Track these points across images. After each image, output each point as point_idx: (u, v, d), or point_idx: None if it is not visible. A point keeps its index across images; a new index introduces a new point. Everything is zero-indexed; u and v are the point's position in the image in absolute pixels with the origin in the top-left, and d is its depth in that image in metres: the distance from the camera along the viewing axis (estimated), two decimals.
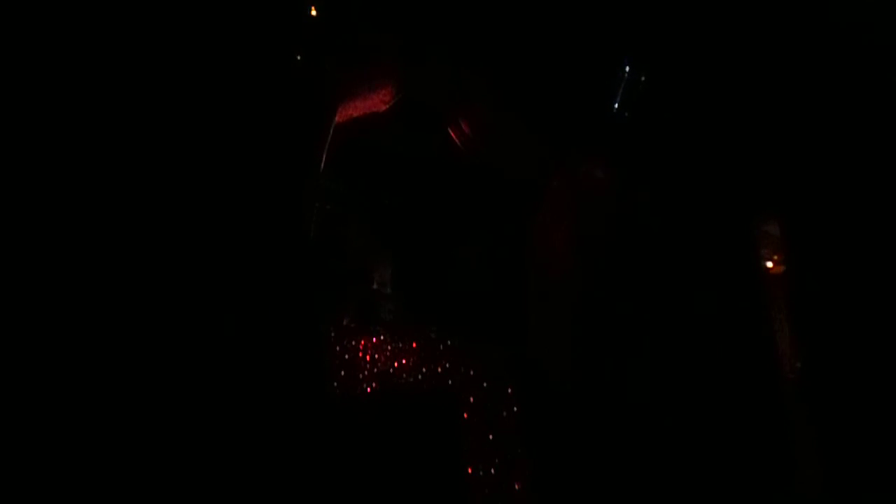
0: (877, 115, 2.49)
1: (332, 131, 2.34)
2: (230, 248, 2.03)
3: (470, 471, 2.22)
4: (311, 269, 2.29)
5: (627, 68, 2.69)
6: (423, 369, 2.32)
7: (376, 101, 2.55)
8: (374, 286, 2.54)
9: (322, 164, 2.30)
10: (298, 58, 2.22)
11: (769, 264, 2.74)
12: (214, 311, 1.99)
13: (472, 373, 2.31)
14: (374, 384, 2.31)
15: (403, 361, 2.33)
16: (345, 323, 2.39)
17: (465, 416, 2.27)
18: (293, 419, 2.05)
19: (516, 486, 2.21)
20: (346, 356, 2.32)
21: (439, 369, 2.32)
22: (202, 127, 2.03)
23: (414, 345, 2.34)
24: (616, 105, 2.68)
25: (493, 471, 2.21)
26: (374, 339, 2.35)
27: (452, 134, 2.70)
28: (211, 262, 2.01)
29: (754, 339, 2.67)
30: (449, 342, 2.35)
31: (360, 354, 2.32)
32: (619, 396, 2.47)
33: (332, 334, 2.35)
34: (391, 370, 2.32)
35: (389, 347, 2.35)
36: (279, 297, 2.08)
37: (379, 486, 2.18)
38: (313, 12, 2.28)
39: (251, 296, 2.04)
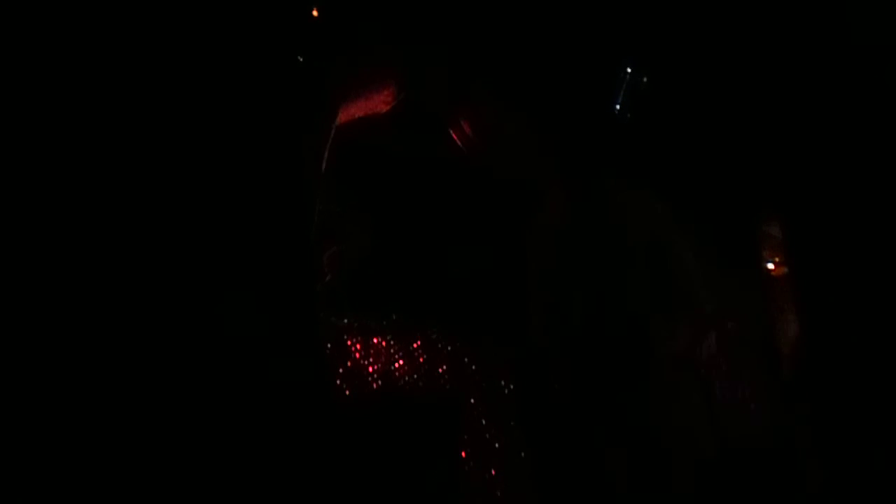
0: (877, 115, 2.49)
1: (333, 132, 2.34)
2: (230, 248, 2.04)
3: (470, 471, 2.22)
4: (311, 269, 2.29)
5: (629, 70, 2.69)
6: (424, 370, 2.32)
7: (378, 102, 2.55)
8: (375, 286, 2.54)
9: (323, 165, 2.30)
10: (300, 58, 2.23)
11: (771, 266, 2.73)
12: (214, 310, 1.99)
13: (472, 373, 2.31)
14: (374, 384, 2.31)
15: (404, 362, 2.33)
16: (344, 323, 2.39)
17: (466, 416, 2.27)
18: (293, 419, 2.05)
19: (517, 487, 2.21)
20: (346, 357, 2.32)
21: (440, 370, 2.32)
22: (203, 127, 2.04)
23: (414, 345, 2.34)
24: (618, 106, 2.68)
25: (493, 471, 2.21)
26: (375, 340, 2.35)
27: (454, 135, 2.70)
28: (211, 262, 2.01)
29: (756, 341, 2.67)
30: (449, 342, 2.35)
31: (361, 355, 2.32)
32: (619, 397, 2.47)
33: (332, 335, 2.35)
34: (391, 370, 2.32)
35: (390, 348, 2.34)
36: (279, 298, 2.08)
37: (378, 485, 2.18)
38: (315, 13, 2.28)
39: (251, 296, 2.04)
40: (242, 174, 2.07)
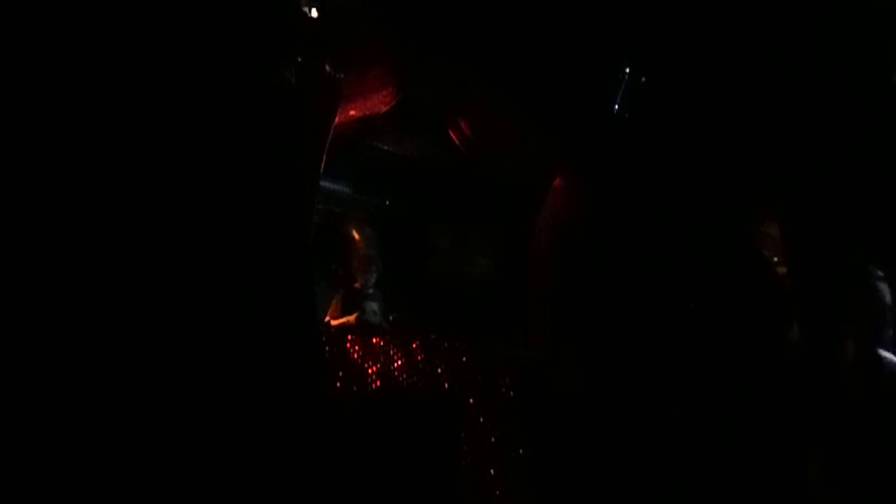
0: (877, 114, 2.49)
1: (332, 132, 2.34)
2: (230, 248, 2.03)
3: (469, 471, 2.22)
4: (311, 269, 2.29)
5: (628, 69, 2.70)
6: (422, 369, 2.32)
7: (377, 102, 2.55)
8: (374, 287, 2.54)
9: (322, 165, 2.30)
10: (299, 59, 2.23)
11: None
12: (213, 311, 1.98)
13: (471, 373, 2.31)
14: (374, 385, 2.31)
15: (403, 362, 2.33)
16: (344, 324, 2.39)
17: (465, 416, 2.27)
18: (292, 419, 2.05)
19: (515, 485, 2.21)
20: (346, 357, 2.32)
21: (439, 370, 2.32)
22: (202, 128, 2.03)
23: (414, 345, 2.34)
24: (616, 106, 2.68)
25: (492, 471, 2.21)
26: (374, 340, 2.35)
27: (452, 135, 2.70)
28: (210, 263, 2.01)
29: (756, 341, 2.67)
30: (448, 342, 2.35)
31: (360, 355, 2.32)
32: (618, 396, 2.47)
33: (332, 335, 2.35)
34: (391, 371, 2.32)
35: (389, 348, 2.34)
36: (279, 298, 2.08)
37: (378, 486, 2.18)
38: (314, 13, 2.28)
39: (251, 296, 2.04)
40: (242, 174, 2.07)
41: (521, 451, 2.24)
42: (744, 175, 2.71)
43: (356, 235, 2.67)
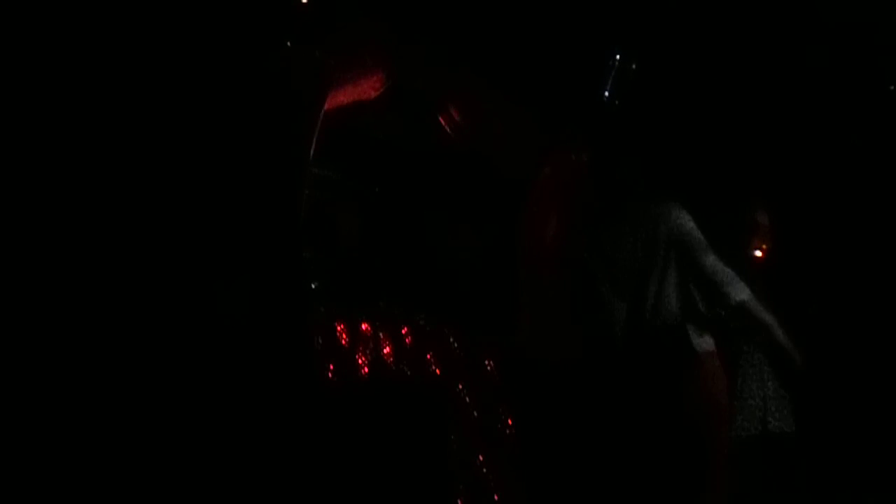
0: (871, 109, 2.50)
1: (321, 119, 2.33)
2: (219, 237, 2.03)
3: (458, 456, 2.23)
4: (300, 257, 2.29)
5: (618, 56, 2.70)
6: (412, 356, 2.33)
7: (367, 89, 2.54)
8: (364, 275, 2.54)
9: (312, 152, 2.30)
10: (288, 44, 2.22)
11: (758, 253, 2.74)
12: (203, 299, 1.99)
13: (460, 361, 2.32)
14: (363, 372, 2.31)
15: (391, 349, 2.33)
16: (334, 311, 2.39)
17: (454, 401, 2.28)
18: (282, 408, 2.05)
19: (505, 471, 2.22)
20: (336, 344, 2.32)
21: (428, 356, 2.32)
22: (190, 115, 2.03)
23: (403, 331, 2.35)
24: (606, 93, 2.69)
25: (481, 456, 2.23)
26: (364, 327, 2.35)
27: (443, 122, 2.70)
28: (200, 252, 2.01)
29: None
30: (436, 329, 2.36)
31: (349, 342, 2.32)
32: (609, 388, 2.47)
33: (322, 323, 2.35)
34: (380, 358, 2.33)
35: (379, 335, 2.35)
36: (268, 286, 2.08)
37: (367, 475, 2.19)
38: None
39: (240, 284, 2.04)
40: (231, 162, 2.07)
41: (509, 436, 2.26)
42: (734, 163, 2.72)
43: (345, 222, 2.67)
